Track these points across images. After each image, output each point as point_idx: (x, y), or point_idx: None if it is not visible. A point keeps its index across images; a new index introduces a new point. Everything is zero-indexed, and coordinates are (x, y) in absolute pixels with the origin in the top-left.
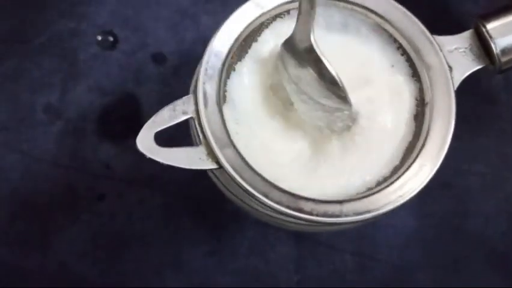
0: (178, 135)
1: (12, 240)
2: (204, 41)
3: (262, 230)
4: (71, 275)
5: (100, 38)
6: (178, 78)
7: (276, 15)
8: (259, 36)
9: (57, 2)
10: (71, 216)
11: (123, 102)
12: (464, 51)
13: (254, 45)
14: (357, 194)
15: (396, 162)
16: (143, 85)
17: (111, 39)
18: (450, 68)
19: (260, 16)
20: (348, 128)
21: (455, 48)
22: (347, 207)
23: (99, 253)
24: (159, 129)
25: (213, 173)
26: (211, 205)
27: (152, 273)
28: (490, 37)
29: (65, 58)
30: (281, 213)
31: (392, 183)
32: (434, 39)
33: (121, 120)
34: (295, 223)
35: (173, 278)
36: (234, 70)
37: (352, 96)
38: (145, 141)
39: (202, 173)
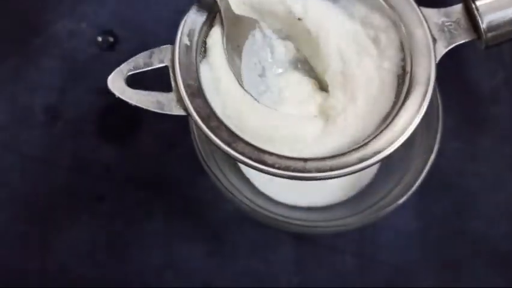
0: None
1: (12, 241)
2: None
3: (263, 231)
4: (71, 276)
5: (100, 38)
6: None
7: None
8: None
9: (57, 2)
10: (70, 217)
11: (123, 103)
12: (451, 25)
13: None
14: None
15: (372, 129)
16: (142, 86)
17: (111, 39)
18: (434, 39)
19: None
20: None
21: (443, 21)
22: (310, 165)
23: (99, 254)
24: (132, 72)
25: (213, 174)
26: (211, 206)
27: (152, 274)
28: (478, 12)
29: (65, 59)
30: (243, 163)
31: (359, 147)
32: (420, 10)
33: (121, 121)
34: (294, 224)
35: (173, 279)
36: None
37: (333, 67)
38: (116, 82)
39: (202, 173)
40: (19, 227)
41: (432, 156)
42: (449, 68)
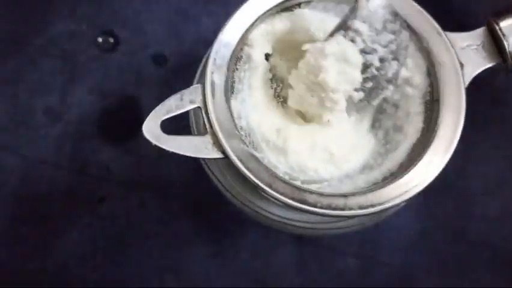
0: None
1: (12, 243)
2: (204, 42)
3: (264, 233)
4: (71, 278)
5: (100, 39)
6: (178, 80)
7: (287, 8)
8: None
9: (58, 3)
10: (71, 218)
11: (123, 104)
12: (476, 49)
13: None
14: (363, 188)
15: (403, 158)
16: (143, 87)
17: (111, 40)
18: (461, 64)
19: (271, 8)
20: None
21: (467, 45)
22: (351, 201)
23: (99, 256)
24: (166, 117)
25: (214, 176)
26: (212, 208)
27: (152, 276)
28: (503, 35)
29: (65, 60)
30: (285, 203)
31: (397, 179)
32: (446, 36)
33: (121, 122)
34: (295, 226)
35: (173, 281)
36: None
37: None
38: (151, 129)
39: (203, 174)
40: (19, 228)
41: None
42: None
